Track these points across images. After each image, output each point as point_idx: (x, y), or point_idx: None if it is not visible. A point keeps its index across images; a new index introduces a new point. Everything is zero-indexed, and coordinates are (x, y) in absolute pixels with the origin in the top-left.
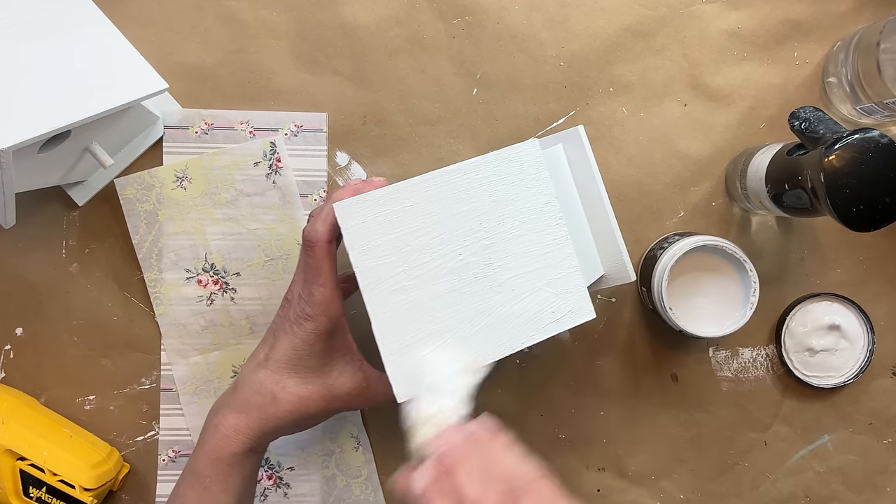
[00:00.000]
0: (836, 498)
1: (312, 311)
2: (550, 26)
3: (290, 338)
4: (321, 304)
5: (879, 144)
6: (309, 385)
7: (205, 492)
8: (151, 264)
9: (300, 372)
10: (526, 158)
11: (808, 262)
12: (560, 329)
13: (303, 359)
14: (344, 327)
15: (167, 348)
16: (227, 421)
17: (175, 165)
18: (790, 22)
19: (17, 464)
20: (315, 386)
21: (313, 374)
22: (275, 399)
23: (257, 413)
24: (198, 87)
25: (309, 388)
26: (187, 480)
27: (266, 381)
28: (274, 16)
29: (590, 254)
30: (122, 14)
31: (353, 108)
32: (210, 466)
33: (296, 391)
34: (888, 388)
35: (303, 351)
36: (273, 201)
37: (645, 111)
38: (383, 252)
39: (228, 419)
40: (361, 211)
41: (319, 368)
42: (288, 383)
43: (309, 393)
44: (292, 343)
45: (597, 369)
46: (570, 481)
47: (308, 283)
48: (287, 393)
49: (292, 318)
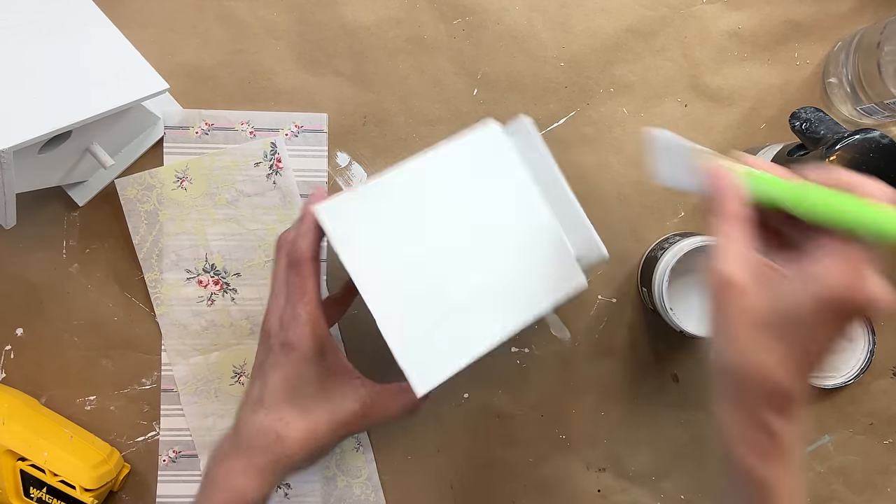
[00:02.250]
0: (837, 498)
1: (298, 333)
2: (551, 27)
3: (279, 370)
4: (307, 323)
5: (880, 145)
6: (312, 415)
7: None
8: (152, 264)
9: (299, 403)
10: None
11: None
12: (556, 302)
13: (298, 388)
14: (334, 347)
15: (168, 349)
16: (234, 470)
17: (175, 166)
18: (791, 22)
19: (18, 464)
20: (318, 414)
21: (313, 401)
22: (279, 437)
23: (264, 456)
24: (198, 87)
25: (313, 419)
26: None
27: (265, 420)
28: (274, 16)
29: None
30: (123, 14)
31: (354, 109)
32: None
33: (300, 425)
34: (888, 388)
35: (296, 380)
36: (273, 202)
37: (645, 111)
38: (372, 248)
39: (235, 468)
40: (345, 210)
41: (318, 395)
42: (290, 418)
43: (315, 423)
44: (283, 374)
45: (597, 369)
46: (571, 481)
47: (292, 305)
48: (291, 429)
49: (277, 348)
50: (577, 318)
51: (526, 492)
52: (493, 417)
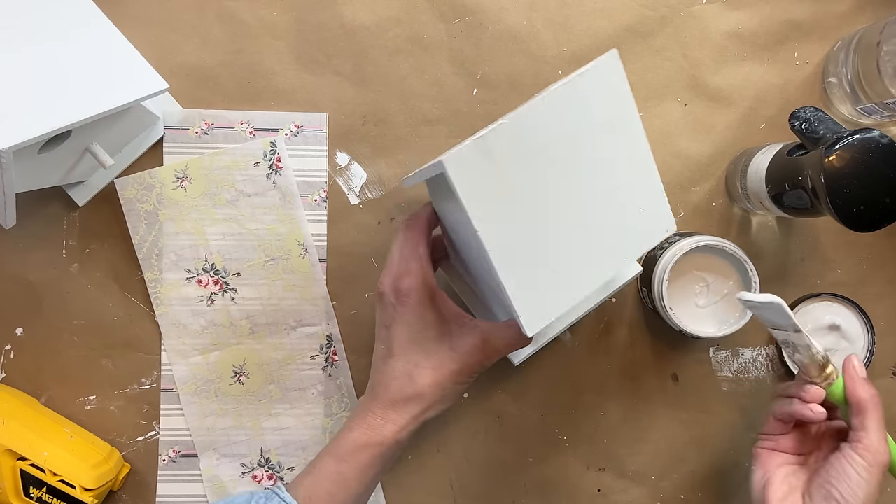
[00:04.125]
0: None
1: (411, 283)
2: (550, 27)
3: (399, 319)
4: (419, 273)
5: (880, 145)
6: (438, 355)
7: (339, 476)
8: (152, 264)
9: (424, 345)
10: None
11: (809, 262)
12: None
13: (422, 332)
14: (444, 295)
15: (167, 348)
16: (372, 412)
17: (175, 165)
18: (790, 22)
19: (18, 464)
20: (444, 353)
21: (436, 343)
22: (412, 379)
23: (400, 398)
24: (198, 87)
25: (440, 358)
26: (325, 460)
27: (397, 365)
28: (274, 16)
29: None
30: (123, 14)
31: (353, 109)
32: (352, 452)
33: (429, 364)
34: (888, 388)
35: (417, 325)
36: (273, 201)
37: (645, 111)
38: (493, 195)
39: (373, 410)
40: (468, 160)
41: (439, 337)
42: (419, 359)
43: (441, 361)
44: (405, 322)
45: (597, 369)
46: (571, 481)
47: (405, 260)
48: (421, 369)
49: (393, 301)
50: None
51: (526, 492)
52: (493, 417)
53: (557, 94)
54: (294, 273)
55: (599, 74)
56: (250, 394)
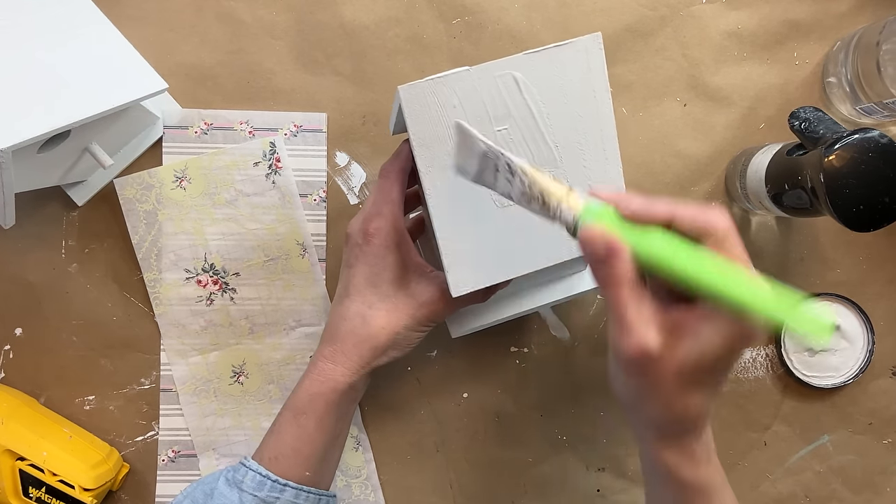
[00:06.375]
0: (836, 498)
1: (378, 224)
2: (550, 26)
3: (361, 260)
4: (388, 216)
5: (879, 144)
6: (393, 300)
7: (300, 429)
8: (151, 264)
9: (381, 287)
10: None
11: (808, 262)
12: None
13: (380, 274)
14: (410, 244)
15: (167, 348)
16: (323, 356)
17: (174, 165)
18: (790, 22)
19: (17, 464)
20: (399, 298)
21: (394, 287)
22: (364, 320)
23: (351, 339)
24: (197, 87)
25: (394, 302)
26: (284, 416)
27: (352, 305)
28: (274, 16)
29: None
30: (122, 14)
31: (353, 108)
32: (308, 403)
33: (383, 306)
34: (888, 388)
35: (378, 266)
36: (272, 201)
37: (644, 111)
38: (440, 139)
39: (324, 354)
40: (421, 95)
41: (398, 281)
42: (373, 301)
43: (396, 305)
44: (366, 262)
45: (597, 369)
46: (570, 481)
47: (377, 204)
48: (375, 310)
49: (359, 240)
50: (577, 318)
51: (526, 492)
52: (493, 417)
53: (530, 58)
54: (293, 273)
55: (577, 52)
56: (250, 394)
